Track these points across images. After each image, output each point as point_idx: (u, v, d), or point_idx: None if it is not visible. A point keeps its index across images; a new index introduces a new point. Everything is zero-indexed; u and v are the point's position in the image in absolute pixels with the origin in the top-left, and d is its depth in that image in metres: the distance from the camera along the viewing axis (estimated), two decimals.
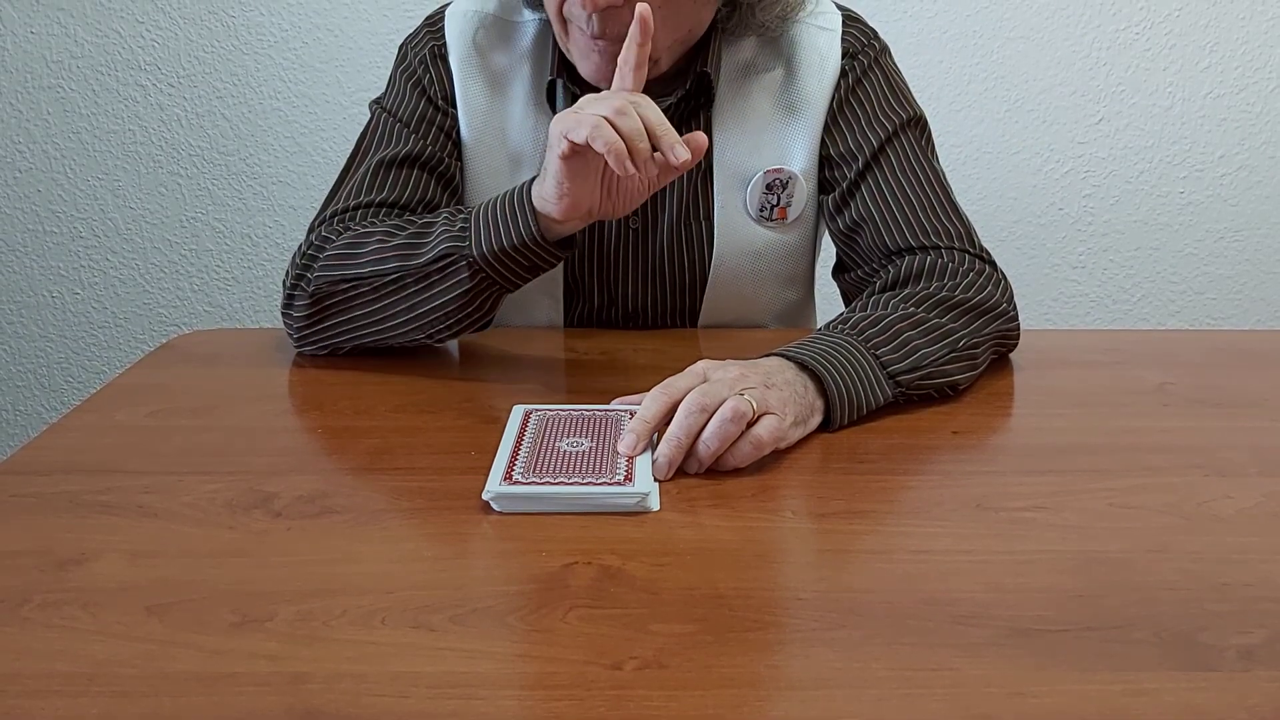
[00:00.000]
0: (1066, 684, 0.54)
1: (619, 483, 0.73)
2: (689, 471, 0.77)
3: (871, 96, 1.08)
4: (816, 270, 1.19)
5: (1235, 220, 2.06)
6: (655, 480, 0.74)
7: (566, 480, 0.73)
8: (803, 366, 0.84)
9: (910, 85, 1.11)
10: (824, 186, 1.10)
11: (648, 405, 0.79)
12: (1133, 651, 0.56)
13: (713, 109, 1.07)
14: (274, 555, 0.66)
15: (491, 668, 0.55)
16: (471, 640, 0.57)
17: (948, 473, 0.79)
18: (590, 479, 0.73)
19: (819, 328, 0.93)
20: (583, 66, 1.00)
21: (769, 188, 1.08)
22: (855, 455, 0.81)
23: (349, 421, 0.88)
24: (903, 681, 0.54)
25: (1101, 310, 2.11)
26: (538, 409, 0.86)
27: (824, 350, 0.86)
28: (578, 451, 0.77)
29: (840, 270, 1.13)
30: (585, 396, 0.89)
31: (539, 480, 0.73)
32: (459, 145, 1.09)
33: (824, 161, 1.09)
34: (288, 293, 1.00)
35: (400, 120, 1.08)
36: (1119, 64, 1.99)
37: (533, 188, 0.90)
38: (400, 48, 1.12)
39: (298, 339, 1.01)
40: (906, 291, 0.96)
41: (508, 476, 0.73)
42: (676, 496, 0.74)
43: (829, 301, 1.18)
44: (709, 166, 1.08)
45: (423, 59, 1.09)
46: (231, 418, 0.89)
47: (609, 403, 0.87)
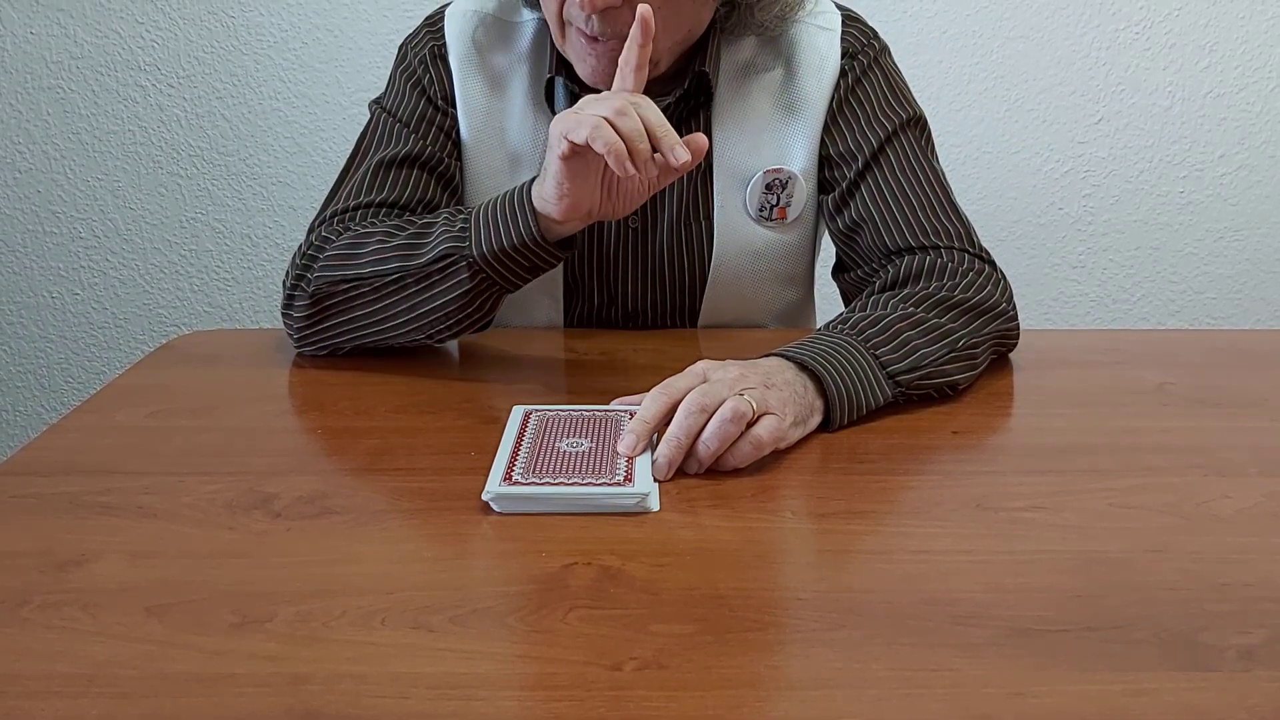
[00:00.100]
0: (1066, 684, 0.54)
1: (619, 483, 0.73)
2: (689, 472, 0.77)
3: (871, 96, 1.08)
4: (816, 270, 1.19)
5: (1235, 220, 2.06)
6: (655, 480, 0.74)
7: (566, 481, 0.73)
8: (802, 366, 0.84)
9: (910, 85, 1.11)
10: (824, 186, 1.10)
11: (647, 405, 0.79)
12: (1133, 651, 0.56)
13: (712, 109, 1.07)
14: (274, 556, 0.66)
15: (491, 668, 0.55)
16: (471, 641, 0.57)
17: (948, 473, 0.79)
18: (590, 479, 0.73)
19: (819, 328, 0.93)
20: (581, 68, 1.00)
21: (769, 188, 1.08)
22: (855, 455, 0.81)
23: (349, 422, 0.88)
24: (903, 681, 0.54)
25: (1101, 310, 2.11)
26: (537, 409, 0.86)
27: (824, 350, 0.86)
28: (577, 452, 0.77)
29: (840, 270, 1.13)
30: (585, 397, 0.89)
31: (539, 481, 0.73)
32: (459, 145, 1.09)
33: (824, 161, 1.09)
34: (288, 293, 1.00)
35: (400, 120, 1.08)
36: (1119, 63, 1.99)
37: (533, 188, 0.90)
38: (400, 48, 1.12)
39: (298, 339, 1.01)
40: (906, 291, 0.96)
41: (507, 477, 0.73)
42: (676, 497, 0.74)
43: (829, 301, 1.18)
44: (708, 166, 1.08)
45: (422, 59, 1.09)
46: (231, 418, 0.89)
47: (609, 403, 0.87)
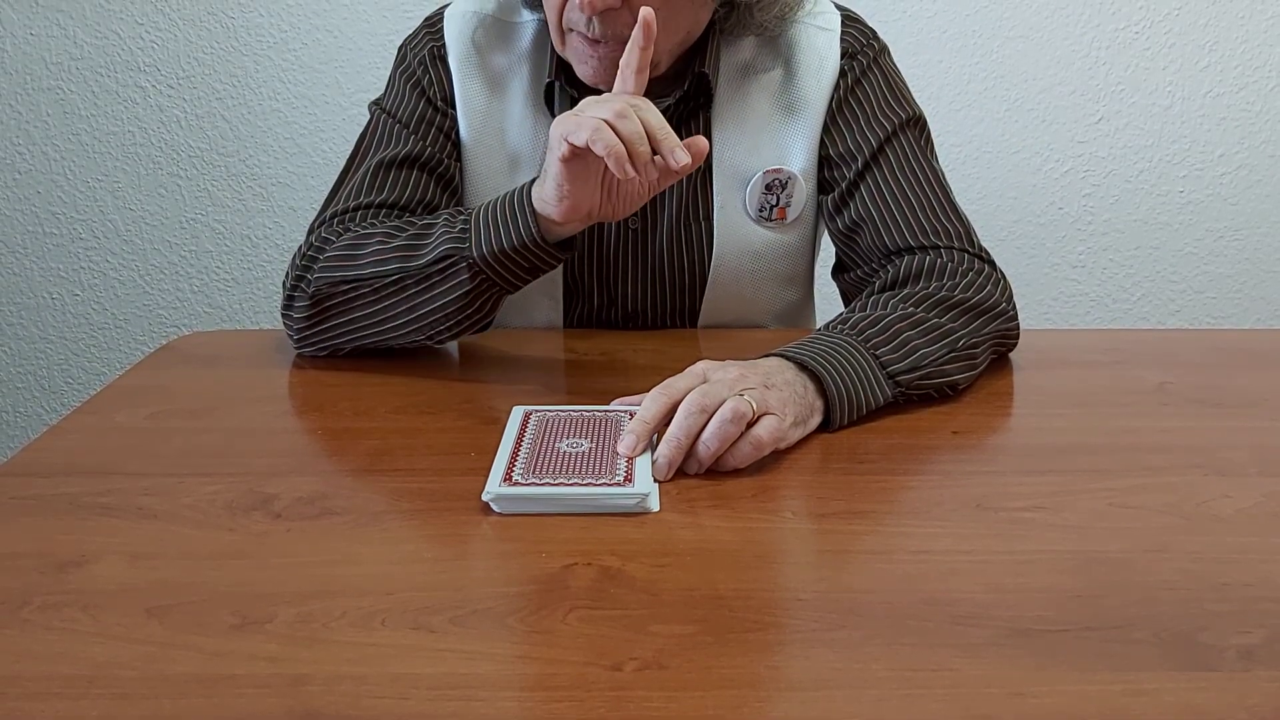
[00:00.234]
0: (1066, 684, 0.54)
1: (619, 484, 0.73)
2: (689, 472, 0.77)
3: (871, 96, 1.08)
4: (816, 270, 1.19)
5: (1235, 219, 2.06)
6: (655, 481, 0.74)
7: (566, 481, 0.73)
8: (802, 367, 0.84)
9: (909, 85, 1.11)
10: (823, 186, 1.10)
11: (647, 406, 0.79)
12: (1133, 651, 0.56)
13: (712, 110, 1.07)
14: (274, 557, 0.66)
15: (491, 669, 0.55)
16: (471, 641, 0.57)
17: (948, 473, 0.79)
18: (590, 480, 0.73)
19: (818, 328, 0.93)
20: (581, 70, 1.00)
21: (768, 188, 1.08)
22: (855, 455, 0.81)
23: (349, 423, 0.88)
24: (903, 682, 0.54)
25: (1101, 310, 2.11)
26: (537, 410, 0.86)
27: (824, 350, 0.86)
28: (577, 452, 0.77)
29: (840, 270, 1.13)
30: (585, 397, 0.89)
31: (539, 481, 0.73)
32: (458, 146, 1.09)
33: (823, 161, 1.09)
34: (288, 294, 1.01)
35: (400, 121, 1.08)
36: (1118, 63, 1.99)
37: (533, 189, 0.90)
38: (399, 49, 1.12)
39: (298, 340, 1.01)
40: (906, 291, 0.96)
41: (507, 477, 0.73)
42: (676, 497, 0.74)
43: (829, 301, 1.18)
44: (708, 167, 1.08)
45: (422, 60, 1.09)
46: (231, 419, 0.89)
47: (609, 403, 0.87)
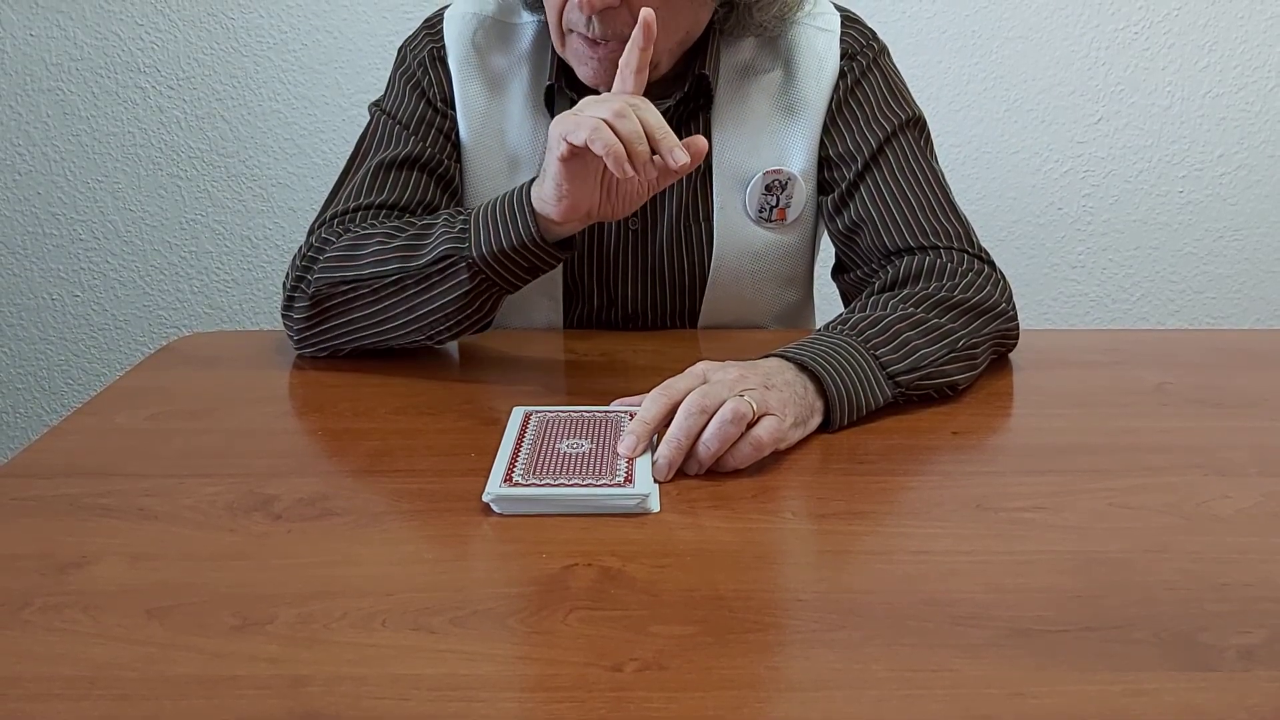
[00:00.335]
0: (1066, 684, 0.54)
1: (619, 484, 0.73)
2: (689, 473, 0.77)
3: (870, 97, 1.08)
4: (816, 271, 1.20)
5: (1234, 219, 2.06)
6: (655, 482, 0.74)
7: (566, 482, 0.73)
8: (802, 367, 0.84)
9: (909, 85, 1.11)
10: (823, 187, 1.10)
11: (647, 407, 0.79)
12: (1133, 652, 0.56)
13: (712, 110, 1.07)
14: (274, 558, 0.66)
15: (492, 670, 0.55)
16: (472, 642, 0.57)
17: (947, 473, 0.79)
18: (590, 480, 0.73)
19: (818, 328, 0.93)
20: (581, 71, 1.00)
21: (768, 189, 1.08)
22: (855, 456, 0.81)
23: (349, 423, 0.88)
24: (903, 682, 0.54)
25: (1101, 310, 2.11)
26: (538, 410, 0.86)
27: (824, 351, 0.86)
28: (578, 453, 0.77)
29: (839, 271, 1.13)
30: (585, 398, 0.89)
31: (539, 482, 0.73)
32: (458, 147, 1.09)
33: (823, 162, 1.09)
34: (288, 295, 1.01)
35: (399, 122, 1.08)
36: (1118, 63, 1.99)
37: (532, 189, 0.90)
38: (399, 50, 1.12)
39: (298, 341, 1.01)
40: (906, 292, 0.96)
41: (508, 478, 0.73)
42: (676, 498, 0.74)
43: (829, 302, 1.18)
44: (708, 168, 1.08)
45: (421, 61, 1.09)
46: (231, 420, 0.89)
47: (609, 404, 0.87)
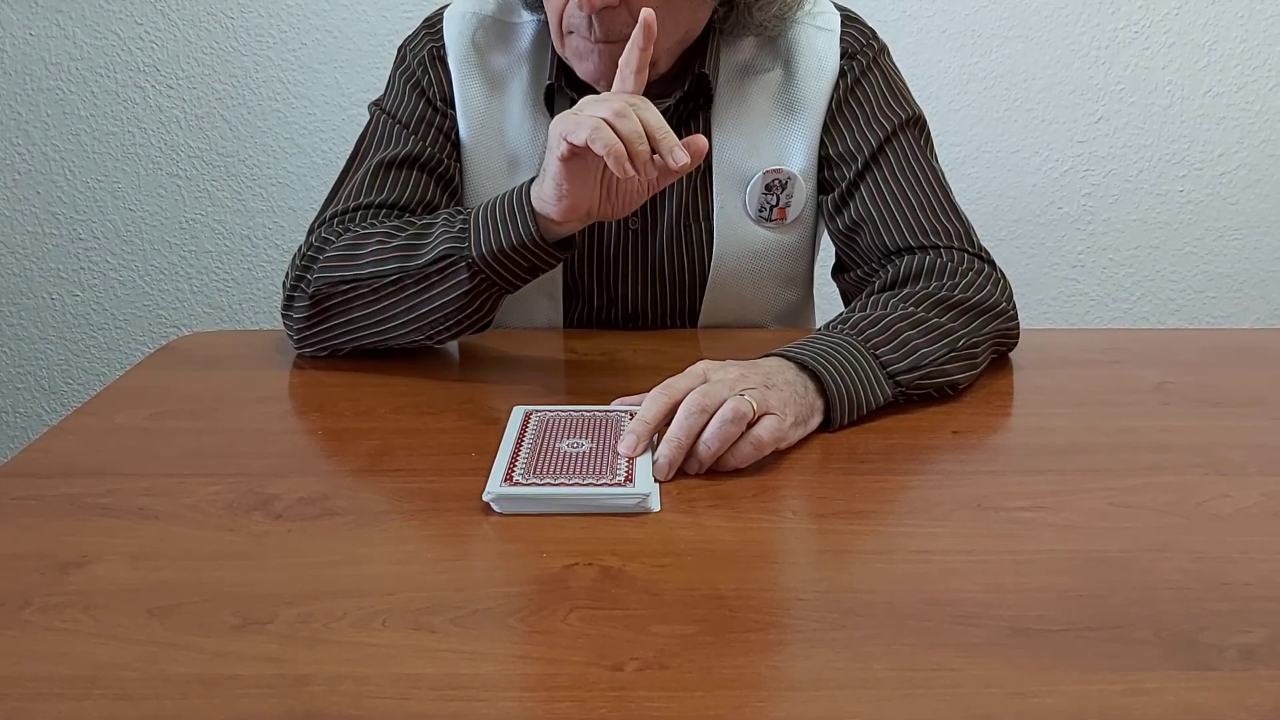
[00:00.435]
0: (1067, 684, 0.54)
1: (619, 484, 0.73)
2: (689, 472, 0.77)
3: (870, 96, 1.08)
4: (816, 270, 1.19)
5: (1234, 219, 2.06)
6: (656, 481, 0.74)
7: (567, 481, 0.73)
8: (803, 366, 0.84)
9: (909, 85, 1.11)
10: (823, 186, 1.10)
11: (648, 406, 0.79)
12: (1133, 651, 0.56)
13: (712, 110, 1.07)
14: (275, 557, 0.66)
15: (493, 669, 0.55)
16: (472, 642, 0.57)
17: (948, 473, 0.79)
18: (590, 480, 0.73)
19: (818, 328, 0.93)
20: (581, 68, 1.00)
21: (768, 188, 1.08)
22: (855, 455, 0.81)
23: (349, 423, 0.88)
24: (903, 681, 0.54)
25: (1101, 309, 2.11)
26: (538, 410, 0.86)
27: (824, 350, 0.86)
28: (578, 452, 0.77)
29: (840, 270, 1.13)
30: (585, 397, 0.89)
31: (539, 481, 0.73)
32: (458, 146, 1.09)
33: (823, 161, 1.09)
34: (287, 294, 1.01)
35: (399, 121, 1.08)
36: (1118, 63, 1.99)
37: (532, 189, 0.90)
38: (399, 49, 1.12)
39: (298, 340, 1.01)
40: (906, 291, 0.96)
41: (508, 478, 0.73)
42: (677, 497, 0.74)
43: (829, 301, 1.18)
44: (708, 167, 1.08)
45: (421, 60, 1.09)
46: (232, 420, 0.89)
47: (609, 404, 0.87)
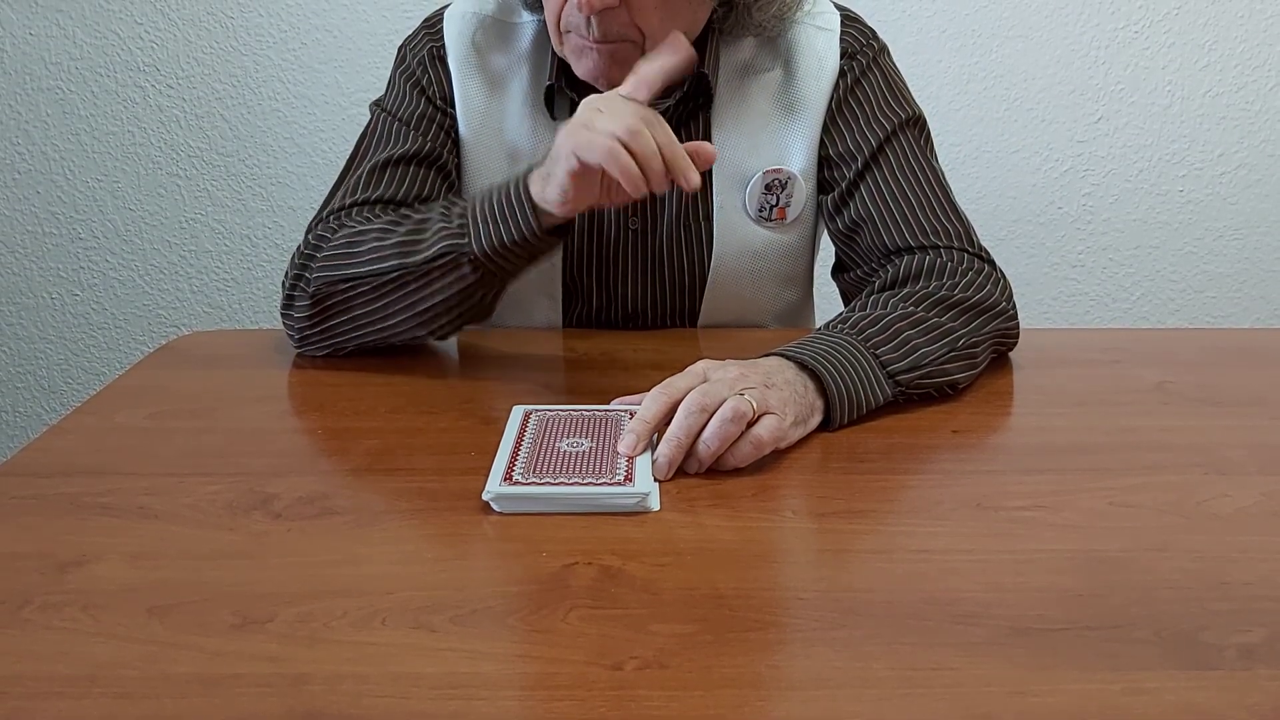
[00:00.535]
0: (1067, 683, 0.54)
1: (619, 483, 0.73)
2: (689, 471, 0.77)
3: (870, 96, 1.08)
4: (816, 270, 1.19)
5: (1234, 219, 2.06)
6: (655, 480, 0.74)
7: (566, 480, 0.73)
8: (802, 366, 0.84)
9: (909, 85, 1.11)
10: (823, 186, 1.10)
11: (648, 405, 0.79)
12: (1133, 650, 0.56)
13: (711, 110, 1.07)
14: (274, 556, 0.66)
15: (492, 668, 0.55)
16: (472, 641, 0.57)
17: (948, 472, 0.79)
18: (590, 479, 0.73)
19: (818, 327, 0.93)
20: (579, 67, 1.00)
21: (768, 188, 1.08)
22: (855, 455, 0.81)
23: (349, 422, 0.88)
24: (903, 681, 0.54)
25: (1101, 309, 2.11)
26: (537, 409, 0.86)
27: (824, 350, 0.86)
28: (578, 452, 0.77)
29: (839, 270, 1.13)
30: (585, 397, 0.89)
31: (539, 481, 0.73)
32: (458, 144, 1.09)
33: (823, 161, 1.09)
34: (286, 293, 1.01)
35: (400, 120, 1.08)
36: (1118, 63, 1.99)
37: (532, 189, 0.90)
38: (399, 49, 1.12)
39: (299, 340, 1.01)
40: (906, 291, 0.96)
41: (508, 477, 0.73)
42: (676, 496, 0.74)
43: (828, 301, 1.18)
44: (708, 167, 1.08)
45: (421, 60, 1.09)
46: (231, 419, 0.89)
47: (609, 403, 0.87)
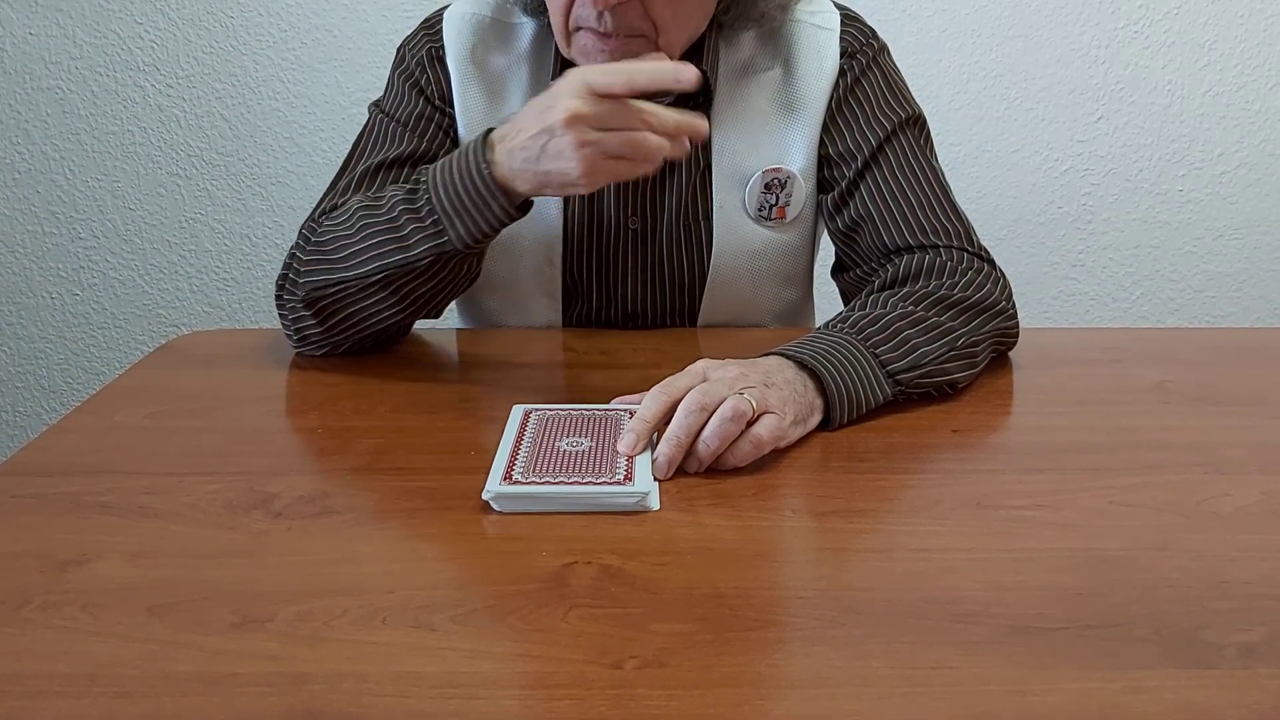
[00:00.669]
0: (1067, 682, 0.54)
1: (619, 482, 0.73)
2: (689, 471, 0.77)
3: (870, 95, 1.08)
4: (815, 270, 1.20)
5: (1234, 218, 2.06)
6: (655, 479, 0.74)
7: (566, 480, 0.73)
8: (802, 365, 0.84)
9: (909, 84, 1.11)
10: (823, 186, 1.10)
11: (647, 405, 0.79)
12: (1133, 649, 0.56)
13: (711, 109, 1.07)
14: (274, 556, 0.66)
15: (492, 667, 0.55)
16: (472, 640, 0.57)
17: (947, 471, 0.79)
18: (590, 478, 0.73)
19: (818, 327, 0.93)
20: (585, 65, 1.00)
21: (767, 187, 1.08)
22: (855, 454, 0.81)
23: (349, 422, 0.88)
24: (903, 680, 0.54)
25: (1101, 308, 2.11)
26: (537, 409, 0.86)
27: (823, 349, 0.86)
28: (577, 451, 0.77)
29: (839, 269, 1.13)
30: (585, 396, 0.89)
31: (539, 480, 0.73)
32: (457, 145, 1.09)
33: (823, 161, 1.09)
34: (276, 294, 1.01)
35: (398, 121, 1.08)
36: (1118, 62, 1.99)
37: (496, 167, 0.86)
38: (398, 50, 1.12)
39: (297, 340, 1.01)
40: (905, 290, 0.96)
41: (507, 476, 0.73)
42: (676, 496, 0.74)
43: (828, 301, 1.18)
44: (707, 166, 1.08)
45: (420, 61, 1.09)
46: (231, 418, 0.89)
47: (608, 402, 0.87)
